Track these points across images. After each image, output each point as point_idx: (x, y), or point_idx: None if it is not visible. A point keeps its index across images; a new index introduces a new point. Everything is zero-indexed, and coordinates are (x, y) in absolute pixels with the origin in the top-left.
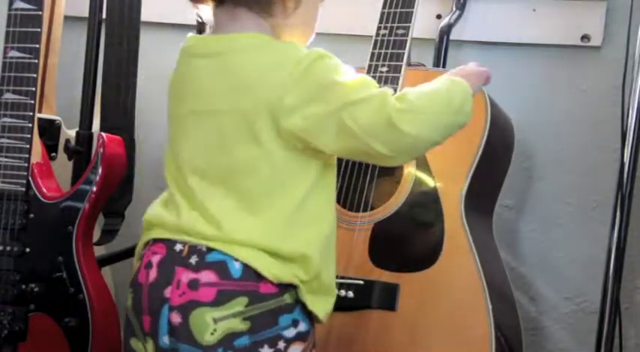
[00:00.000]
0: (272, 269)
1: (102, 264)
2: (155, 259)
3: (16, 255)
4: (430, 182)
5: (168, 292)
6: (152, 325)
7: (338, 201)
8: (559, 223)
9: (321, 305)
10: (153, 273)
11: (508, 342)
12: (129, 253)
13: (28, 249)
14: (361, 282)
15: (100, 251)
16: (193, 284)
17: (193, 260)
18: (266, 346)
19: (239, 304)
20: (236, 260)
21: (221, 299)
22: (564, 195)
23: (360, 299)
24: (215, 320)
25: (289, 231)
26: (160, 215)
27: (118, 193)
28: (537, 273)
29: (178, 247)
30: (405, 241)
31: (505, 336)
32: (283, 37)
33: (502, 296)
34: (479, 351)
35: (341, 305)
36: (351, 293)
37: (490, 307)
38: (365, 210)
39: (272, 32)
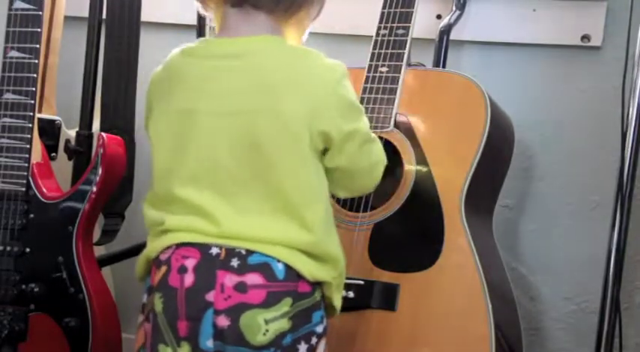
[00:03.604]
0: (310, 269)
1: (102, 264)
2: (190, 263)
3: (16, 254)
4: (430, 182)
5: (211, 296)
6: (191, 330)
7: (338, 201)
8: (559, 223)
9: (339, 299)
10: (189, 278)
11: (508, 342)
12: (129, 253)
13: (28, 249)
14: (361, 282)
15: (100, 251)
16: (241, 288)
17: (235, 263)
18: (302, 342)
19: (286, 304)
20: (278, 261)
21: (271, 300)
22: (564, 195)
23: (360, 299)
24: (266, 322)
25: (323, 232)
26: (183, 221)
27: (118, 193)
28: (537, 273)
29: (214, 251)
30: (405, 241)
31: (505, 336)
32: (285, 37)
33: (502, 296)
34: (479, 351)
35: (341, 306)
36: (351, 294)
37: (490, 307)
38: (365, 210)
39: (279, 33)
